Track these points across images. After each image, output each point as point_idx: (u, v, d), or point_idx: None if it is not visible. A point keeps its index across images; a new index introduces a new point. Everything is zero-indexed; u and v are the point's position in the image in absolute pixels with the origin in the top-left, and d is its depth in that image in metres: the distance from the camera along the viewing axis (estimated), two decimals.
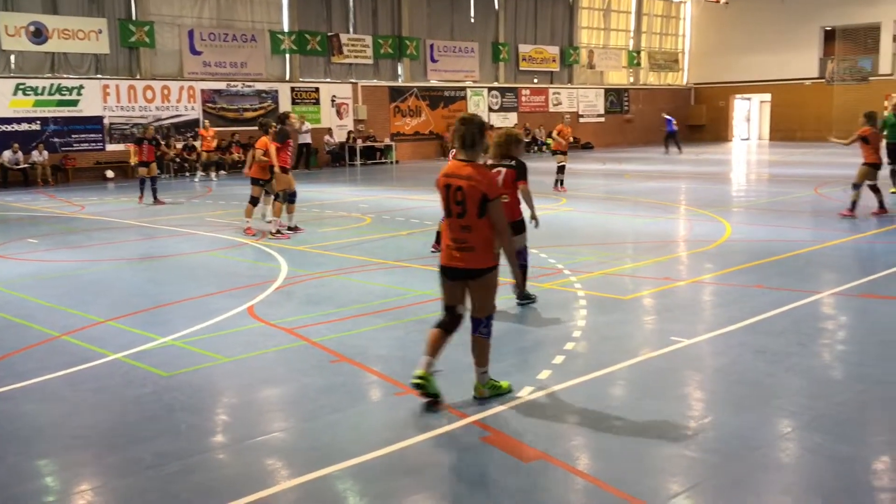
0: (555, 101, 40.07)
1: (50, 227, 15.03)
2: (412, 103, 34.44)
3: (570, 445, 4.78)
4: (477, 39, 36.64)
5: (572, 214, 15.32)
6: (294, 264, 10.56)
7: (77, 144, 25.63)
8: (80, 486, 4.42)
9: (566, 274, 9.59)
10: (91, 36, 25.76)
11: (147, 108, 26.97)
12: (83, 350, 6.81)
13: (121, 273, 10.51)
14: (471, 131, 5.33)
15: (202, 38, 28.23)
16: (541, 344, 6.78)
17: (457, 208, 5.26)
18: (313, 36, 30.96)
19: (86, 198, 20.31)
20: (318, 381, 5.95)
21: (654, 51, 45.60)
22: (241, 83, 29.23)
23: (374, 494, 4.23)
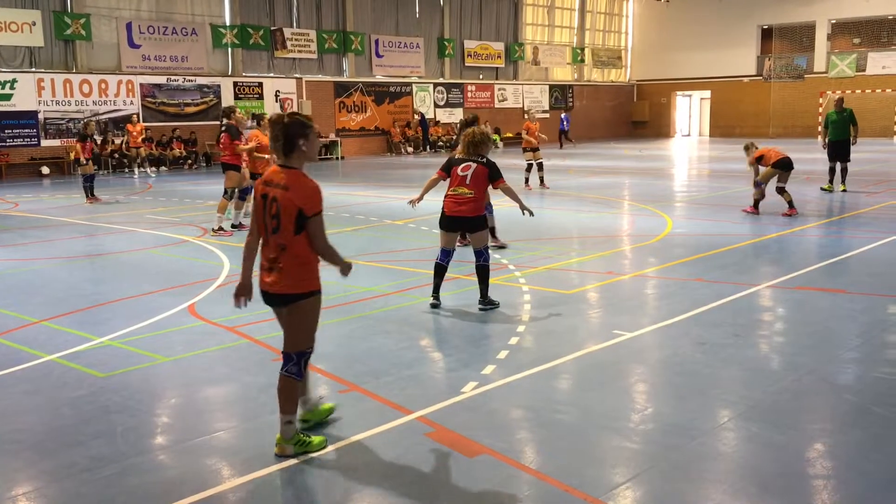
0: (500, 97, 40.28)
1: None
2: (357, 99, 34.26)
3: (514, 439, 4.80)
4: (422, 35, 36.63)
5: (516, 210, 15.38)
6: (237, 261, 10.39)
7: (10, 140, 24.90)
8: (13, 491, 4.28)
9: (511, 269, 9.64)
10: (24, 28, 25.03)
11: (84, 103, 26.31)
12: (15, 351, 6.60)
13: (57, 272, 10.22)
14: (288, 132, 4.47)
15: (141, 31, 27.64)
16: (485, 338, 6.79)
17: (272, 222, 4.50)
18: (256, 30, 30.56)
19: (20, 195, 19.71)
20: (261, 380, 5.86)
21: (598, 48, 46.15)
22: (182, 77, 28.71)
23: (318, 492, 4.19)
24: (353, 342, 6.81)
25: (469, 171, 7.70)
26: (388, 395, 5.47)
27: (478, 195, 7.70)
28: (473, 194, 7.66)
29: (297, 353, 4.62)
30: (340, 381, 5.78)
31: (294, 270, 4.53)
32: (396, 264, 9.95)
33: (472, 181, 7.67)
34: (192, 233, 12.94)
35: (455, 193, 7.72)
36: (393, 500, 4.06)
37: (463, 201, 7.67)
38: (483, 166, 7.74)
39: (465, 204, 7.66)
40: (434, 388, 5.66)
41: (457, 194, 7.71)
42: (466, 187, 7.68)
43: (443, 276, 7.89)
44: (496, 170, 7.83)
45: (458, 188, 7.72)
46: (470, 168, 7.71)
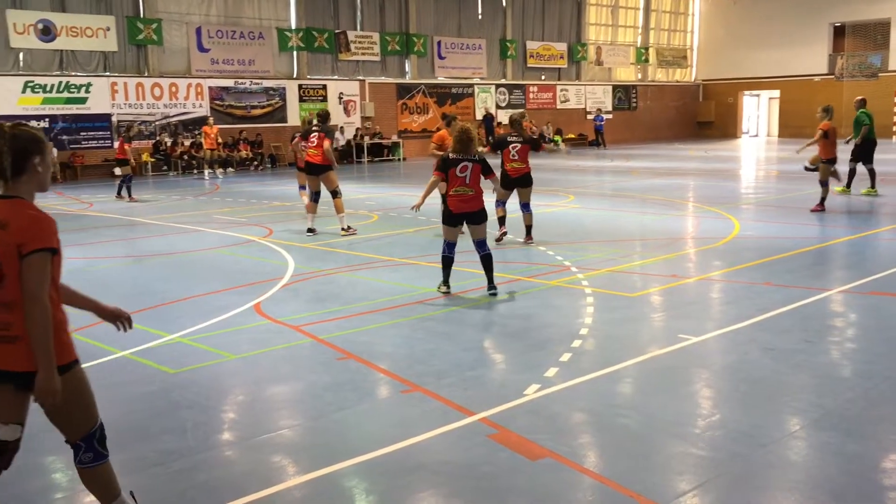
0: (562, 98, 40.01)
1: (58, 224, 15.05)
2: (419, 100, 34.43)
3: (576, 443, 4.76)
4: (484, 36, 36.61)
5: (580, 211, 15.28)
6: (301, 261, 10.56)
7: (85, 142, 25.73)
8: None
9: (574, 271, 9.57)
10: (99, 33, 25.84)
11: (155, 106, 27.05)
12: (91, 347, 6.81)
13: (129, 270, 10.53)
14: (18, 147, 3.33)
15: (210, 35, 28.28)
16: (548, 341, 6.75)
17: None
18: (321, 33, 30.97)
19: (94, 195, 20.37)
20: (325, 379, 5.94)
21: (663, 47, 45.47)
22: (249, 80, 29.27)
23: (380, 491, 4.22)
24: (415, 343, 6.85)
25: (467, 172, 8.44)
26: (450, 395, 5.48)
27: (478, 191, 8.52)
28: (474, 192, 8.47)
29: (84, 437, 3.55)
30: (402, 381, 5.82)
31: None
32: (457, 265, 9.96)
33: (472, 179, 8.46)
34: (258, 233, 13.18)
35: (459, 193, 8.45)
36: (456, 502, 4.07)
37: (467, 199, 8.44)
38: (477, 164, 8.50)
39: (469, 201, 8.44)
40: (496, 389, 5.66)
41: (460, 194, 8.45)
42: (467, 185, 8.44)
43: (451, 267, 8.59)
44: (487, 165, 8.62)
45: (459, 188, 8.44)
46: (467, 168, 8.44)
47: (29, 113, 24.48)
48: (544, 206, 15.94)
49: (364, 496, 4.22)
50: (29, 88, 24.52)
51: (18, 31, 24.31)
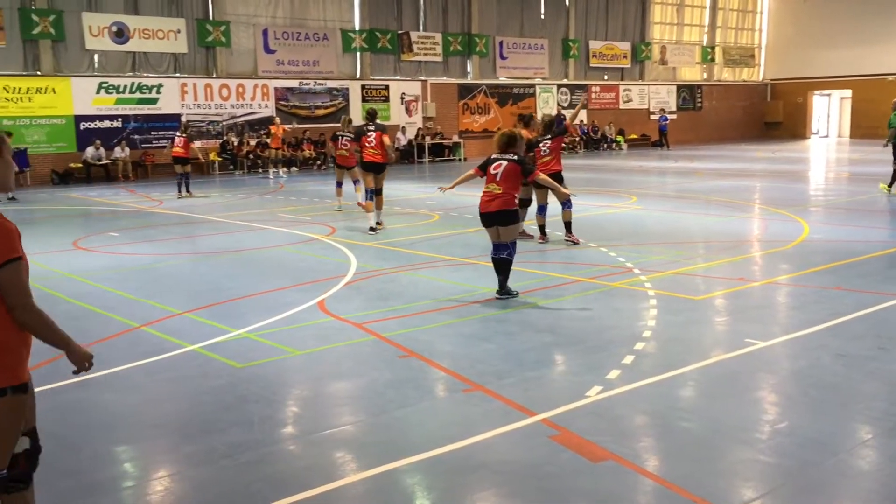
0: (625, 98, 39.56)
1: (129, 221, 15.53)
2: (481, 100, 34.44)
3: (639, 446, 4.72)
4: (547, 36, 36.43)
5: (642, 213, 15.10)
6: (363, 260, 10.68)
7: (156, 141, 26.45)
8: (158, 473, 4.56)
9: (636, 273, 9.46)
10: (170, 35, 26.53)
11: (222, 106, 27.65)
12: (161, 341, 7.02)
13: (197, 266, 10.79)
14: None
15: (276, 36, 28.78)
16: (610, 343, 6.70)
17: None
18: (384, 34, 31.23)
19: (164, 193, 20.92)
20: (387, 376, 6.00)
21: (730, 46, 44.58)
22: (313, 81, 29.69)
23: (441, 489, 4.25)
24: (476, 342, 6.87)
25: (500, 169, 8.30)
26: (511, 395, 5.48)
27: (507, 190, 8.26)
28: (502, 190, 8.25)
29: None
30: (464, 380, 5.84)
31: None
32: (518, 265, 9.94)
33: (503, 178, 8.26)
34: (321, 231, 13.37)
35: (487, 191, 8.38)
36: (516, 502, 4.07)
37: (492, 197, 8.29)
38: (514, 163, 8.30)
39: (493, 200, 8.27)
40: (558, 390, 5.64)
41: (488, 191, 8.36)
42: (496, 184, 8.28)
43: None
44: (528, 165, 8.44)
45: (489, 185, 8.37)
46: (501, 166, 8.31)
47: (103, 113, 25.33)
48: (606, 207, 15.80)
49: (425, 493, 4.25)
50: (103, 89, 25.32)
51: (93, 34, 25.13)
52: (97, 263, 10.95)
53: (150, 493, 4.29)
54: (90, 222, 15.91)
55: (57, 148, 24.69)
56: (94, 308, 8.34)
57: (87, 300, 8.69)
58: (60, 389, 5.78)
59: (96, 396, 5.77)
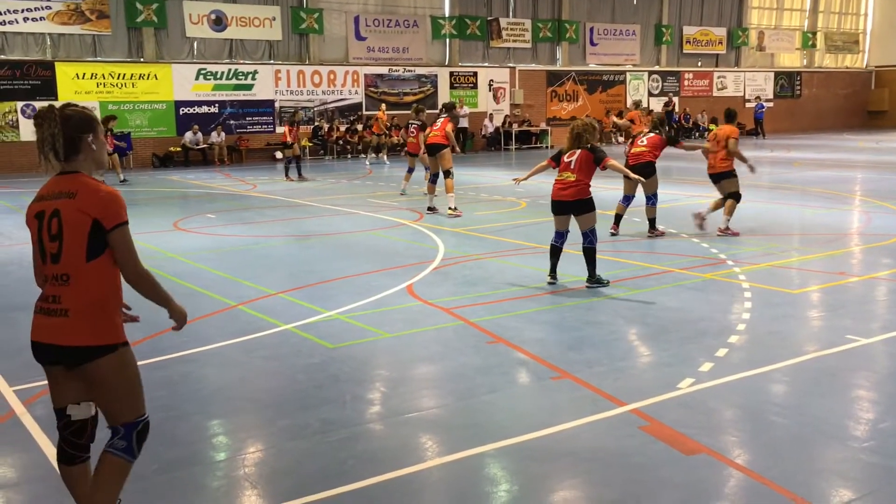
0: (719, 85, 38.46)
1: (226, 203, 16.04)
2: (569, 88, 34.07)
3: (733, 440, 4.63)
4: (639, 22, 35.71)
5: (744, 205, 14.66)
6: (450, 246, 10.75)
7: (250, 126, 27.19)
8: (254, 446, 4.73)
9: (730, 265, 9.24)
10: (266, 23, 27.17)
11: (314, 93, 28.19)
12: (257, 319, 7.25)
13: (289, 249, 11.08)
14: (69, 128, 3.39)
15: (367, 24, 29.11)
16: (703, 335, 6.57)
17: (51, 246, 3.31)
18: (473, 20, 31.20)
19: (257, 177, 21.51)
20: (475, 361, 6.05)
21: (832, 31, 42.76)
22: (403, 68, 29.92)
23: (529, 475, 4.27)
24: (564, 330, 6.85)
25: (574, 157, 8.34)
26: (600, 384, 5.45)
27: (581, 179, 8.25)
28: (577, 178, 8.23)
29: (125, 424, 3.43)
30: (552, 368, 5.84)
31: (85, 312, 3.29)
32: (607, 254, 9.84)
33: (577, 166, 8.28)
34: (409, 216, 13.52)
35: (560, 178, 8.39)
36: (604, 491, 4.06)
37: (566, 185, 8.29)
38: (587, 151, 8.34)
39: (568, 188, 8.27)
40: (648, 381, 5.58)
41: (561, 179, 8.37)
42: (570, 171, 8.29)
43: (558, 257, 8.42)
44: (600, 152, 8.38)
45: (562, 173, 8.39)
46: (574, 154, 8.36)
47: (201, 98, 26.18)
48: (698, 197, 15.44)
49: (513, 478, 4.28)
50: (202, 76, 26.15)
51: (193, 22, 25.96)
52: (196, 244, 11.36)
53: (247, 465, 4.46)
54: (189, 204, 16.51)
55: (158, 132, 25.67)
56: (195, 287, 8.66)
57: (188, 279, 9.04)
58: (166, 363, 6.05)
59: (198, 370, 6.01)
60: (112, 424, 3.43)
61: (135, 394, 3.45)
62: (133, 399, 3.44)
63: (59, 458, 3.48)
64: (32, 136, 3.64)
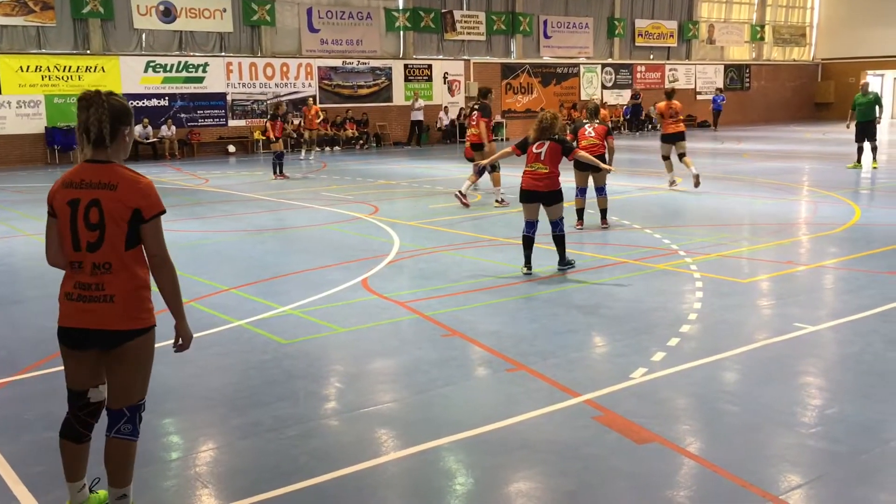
0: (671, 78, 38.94)
1: (177, 198, 15.76)
2: (524, 80, 34.19)
3: (684, 429, 4.69)
4: (592, 14, 35.98)
5: (687, 195, 14.89)
6: (406, 239, 10.72)
7: (202, 120, 26.77)
8: (207, 444, 4.66)
9: (681, 255, 9.36)
10: (216, 15, 26.76)
11: (267, 86, 27.85)
12: (209, 316, 7.14)
13: (242, 244, 10.94)
14: (100, 118, 3.44)
15: (320, 15, 28.84)
16: (655, 325, 6.65)
17: (89, 235, 3.44)
18: (427, 13, 31.11)
19: (209, 171, 21.19)
20: (431, 355, 6.03)
21: (780, 24, 43.58)
22: (357, 60, 29.72)
23: (485, 467, 4.27)
24: (520, 322, 6.87)
25: (543, 149, 8.44)
26: (555, 376, 5.48)
27: (552, 170, 8.44)
28: (549, 170, 8.40)
29: (130, 406, 3.60)
30: (507, 360, 5.85)
31: (129, 297, 3.49)
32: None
33: (547, 157, 8.42)
34: (364, 210, 13.44)
35: (531, 170, 8.49)
36: (560, 481, 4.08)
37: (539, 177, 8.41)
38: (556, 143, 8.48)
39: (541, 180, 8.41)
40: (602, 371, 5.62)
41: (533, 170, 8.47)
42: (541, 163, 8.42)
43: (531, 248, 8.56)
44: (568, 144, 8.66)
45: (533, 164, 8.48)
46: (543, 146, 8.45)
47: (150, 91, 25.68)
48: (650, 189, 15.64)
49: (469, 471, 4.28)
50: (151, 68, 25.65)
51: (141, 13, 25.44)
52: None
53: (199, 464, 4.39)
54: None
55: None
56: None
57: None
58: None
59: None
60: (119, 406, 3.57)
61: (148, 374, 3.67)
62: (147, 379, 3.66)
63: (66, 434, 3.64)
64: None
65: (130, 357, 3.53)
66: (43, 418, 4.83)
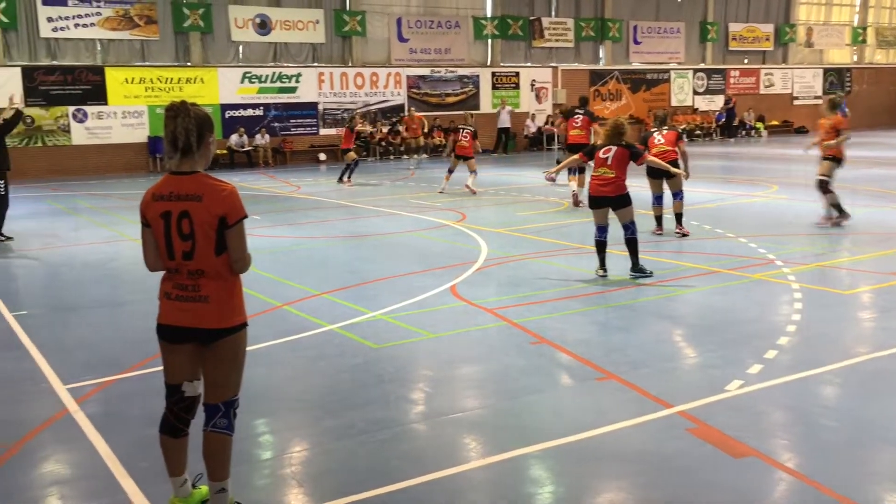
0: (766, 83, 37.81)
1: (270, 205, 16.21)
2: (612, 87, 33.79)
3: (783, 444, 4.54)
4: (684, 19, 35.28)
5: (784, 202, 14.43)
6: (493, 246, 10.73)
7: (294, 129, 27.46)
8: (300, 444, 4.77)
9: (778, 265, 9.07)
10: (309, 26, 27.44)
11: (357, 95, 28.37)
12: (302, 320, 7.32)
13: (332, 250, 11.16)
14: (187, 127, 3.62)
15: (409, 25, 29.22)
16: (751, 337, 6.46)
17: (183, 245, 3.63)
18: (515, 20, 31.13)
19: (301, 178, 21.70)
20: (519, 362, 6.03)
21: (883, 26, 41.75)
22: (445, 69, 29.96)
23: (575, 476, 4.24)
24: (610, 331, 6.79)
25: (610, 154, 8.51)
26: (646, 386, 5.39)
27: (619, 175, 8.48)
28: (615, 174, 8.46)
29: (225, 402, 3.79)
30: (597, 369, 5.79)
31: (223, 298, 3.69)
32: (651, 254, 9.74)
33: (614, 162, 8.49)
34: (451, 217, 13.53)
35: (598, 175, 8.58)
36: (653, 494, 4.01)
37: (605, 182, 8.50)
38: (623, 148, 8.54)
39: (608, 185, 8.48)
40: (696, 383, 5.50)
41: (599, 175, 8.56)
42: (608, 167, 8.49)
43: (604, 251, 8.69)
44: (636, 150, 8.72)
45: (600, 169, 8.56)
46: (610, 151, 8.53)
47: (246, 101, 26.52)
48: (745, 197, 15.22)
49: (558, 479, 4.25)
50: (247, 79, 26.49)
51: (238, 26, 26.31)
52: None
53: (293, 464, 4.50)
54: None
55: None
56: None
57: None
58: None
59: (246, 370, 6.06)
60: (215, 401, 3.75)
61: (241, 371, 3.84)
62: (240, 375, 3.83)
63: (163, 429, 3.82)
64: (86, 139, 3.82)
65: (224, 354, 3.71)
66: (146, 415, 5.04)
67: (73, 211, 15.93)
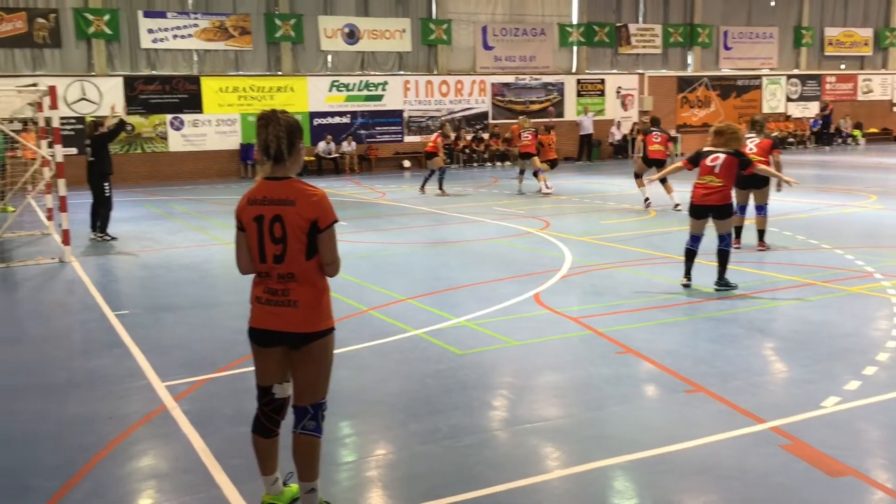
0: (864, 89, 36.37)
1: (357, 211, 16.48)
2: (701, 93, 33.08)
3: (881, 463, 4.36)
4: (777, 24, 34.29)
5: (884, 213, 13.85)
6: (577, 254, 10.65)
7: (380, 136, 27.87)
8: (386, 447, 4.84)
9: (877, 277, 8.72)
10: (396, 35, 27.83)
11: (441, 102, 28.60)
12: (387, 324, 7.42)
13: (417, 256, 11.27)
14: (278, 134, 3.71)
15: (494, 33, 29.30)
16: (848, 352, 6.23)
17: (275, 248, 3.72)
18: (601, 27, 30.84)
19: (386, 185, 21.99)
20: (604, 371, 5.96)
21: None
22: (529, 76, 29.91)
23: (662, 489, 4.16)
24: (698, 342, 6.65)
25: (718, 162, 8.13)
26: (737, 400, 5.26)
27: (727, 184, 8.15)
28: (722, 183, 8.11)
29: (313, 405, 3.86)
30: (685, 381, 5.68)
31: (311, 303, 3.76)
32: (743, 265, 9.49)
33: (722, 170, 8.11)
34: (535, 225, 13.48)
35: (703, 182, 8.22)
36: None
37: (711, 190, 8.15)
38: (732, 156, 8.16)
39: (713, 193, 8.13)
40: (789, 398, 5.33)
41: (705, 183, 8.20)
42: (715, 175, 8.13)
43: (693, 260, 8.42)
44: (745, 157, 8.32)
45: (706, 177, 8.20)
46: (718, 159, 8.14)
47: (334, 109, 27.07)
48: (841, 207, 14.67)
49: (645, 492, 4.18)
50: (335, 87, 27.05)
51: (328, 36, 26.89)
52: None
53: (379, 466, 4.56)
54: None
55: None
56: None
57: None
58: None
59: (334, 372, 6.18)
60: (304, 404, 3.83)
61: (329, 374, 3.91)
62: (328, 379, 3.90)
63: (256, 430, 3.94)
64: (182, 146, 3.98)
65: (313, 357, 3.79)
66: (238, 414, 5.20)
67: (169, 215, 16.54)
